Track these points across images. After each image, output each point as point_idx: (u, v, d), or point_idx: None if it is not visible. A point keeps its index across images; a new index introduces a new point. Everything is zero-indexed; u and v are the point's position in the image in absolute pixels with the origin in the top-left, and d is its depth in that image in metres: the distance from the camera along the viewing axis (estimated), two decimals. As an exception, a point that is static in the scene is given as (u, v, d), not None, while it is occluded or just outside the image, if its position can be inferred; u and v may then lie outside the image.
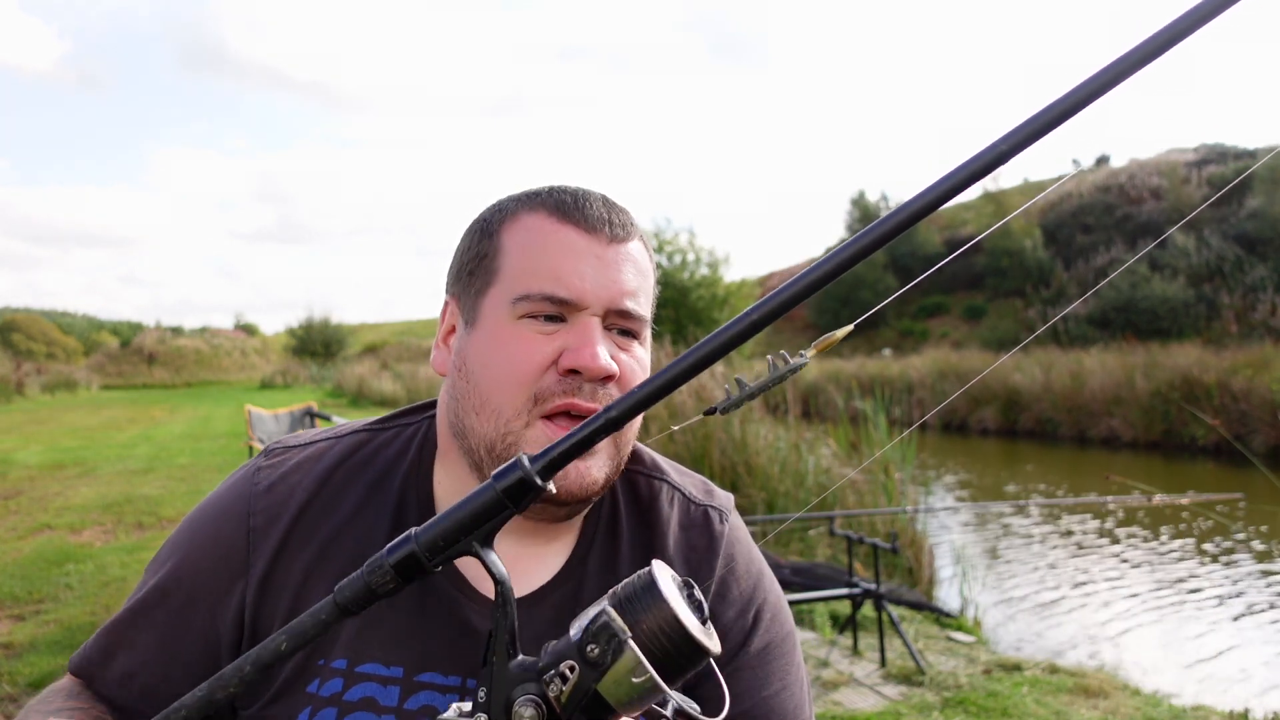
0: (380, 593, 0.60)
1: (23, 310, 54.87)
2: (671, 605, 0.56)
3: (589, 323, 0.89)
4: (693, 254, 28.30)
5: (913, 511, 5.30)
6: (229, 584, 0.93)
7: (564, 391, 0.87)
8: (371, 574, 0.59)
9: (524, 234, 0.92)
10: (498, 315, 0.91)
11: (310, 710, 0.89)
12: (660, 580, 0.58)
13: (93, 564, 5.96)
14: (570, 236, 0.91)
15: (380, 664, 0.89)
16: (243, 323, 67.88)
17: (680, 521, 1.01)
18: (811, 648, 4.55)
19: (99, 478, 9.99)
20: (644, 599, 0.57)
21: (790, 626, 1.02)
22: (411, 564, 0.59)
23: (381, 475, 0.98)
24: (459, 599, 0.93)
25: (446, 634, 0.92)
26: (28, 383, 28.88)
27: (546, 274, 0.89)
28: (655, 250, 6.13)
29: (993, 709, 3.76)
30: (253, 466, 1.00)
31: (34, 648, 4.36)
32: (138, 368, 44.89)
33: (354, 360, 40.43)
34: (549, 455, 0.58)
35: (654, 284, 0.98)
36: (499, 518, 0.58)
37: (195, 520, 0.99)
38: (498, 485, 0.57)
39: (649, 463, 1.06)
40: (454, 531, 0.58)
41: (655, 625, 0.56)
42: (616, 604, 0.58)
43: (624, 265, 0.92)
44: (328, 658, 0.90)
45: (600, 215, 0.92)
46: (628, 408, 0.57)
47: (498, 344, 0.90)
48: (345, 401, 24.74)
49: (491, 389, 0.89)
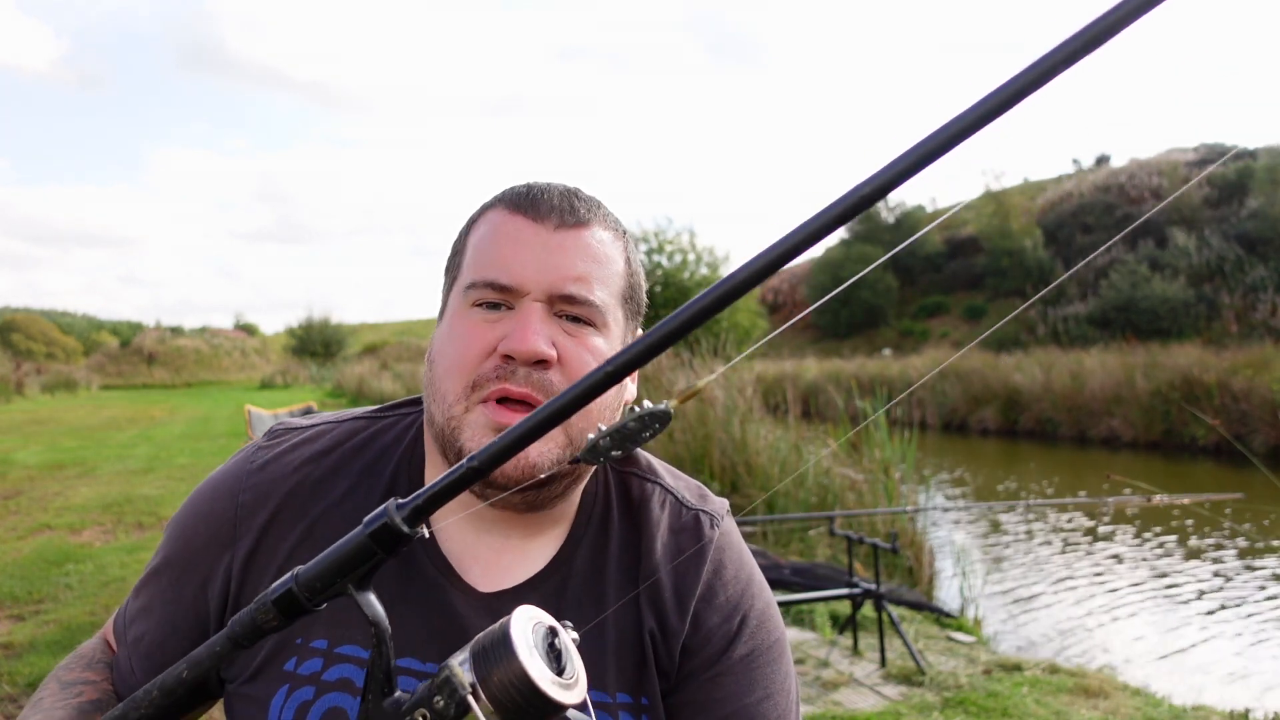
0: (266, 629, 0.61)
1: (23, 310, 54.86)
2: (521, 659, 0.56)
3: (529, 308, 0.90)
4: (693, 254, 28.34)
5: (913, 511, 5.30)
6: (217, 557, 0.96)
7: (498, 377, 0.89)
8: (257, 611, 0.62)
9: (484, 228, 0.96)
10: (455, 306, 0.95)
11: (288, 688, 0.90)
12: (513, 631, 0.57)
13: (92, 564, 5.95)
14: (518, 225, 0.93)
15: (360, 646, 0.90)
16: (243, 323, 67.91)
17: (670, 525, 1.01)
18: (811, 648, 4.55)
19: (99, 478, 9.99)
20: (496, 651, 0.57)
21: (779, 634, 1.01)
22: (291, 602, 0.60)
23: (374, 460, 1.00)
24: (444, 585, 0.94)
25: (428, 620, 0.93)
26: (28, 383, 28.89)
27: (491, 262, 0.92)
28: (656, 250, 6.15)
29: (993, 709, 3.76)
30: (253, 446, 1.03)
31: (34, 648, 4.36)
32: (138, 368, 44.90)
33: (354, 360, 40.44)
34: (415, 501, 0.57)
35: (625, 275, 0.97)
36: (371, 562, 0.59)
37: (194, 495, 1.03)
38: (365, 531, 0.58)
39: (644, 464, 1.06)
40: (330, 574, 0.59)
41: (505, 679, 0.56)
42: (474, 654, 0.58)
43: (571, 251, 0.92)
44: (307, 636, 0.91)
45: (551, 204, 0.94)
46: (491, 455, 0.55)
47: (449, 333, 0.93)
48: (345, 401, 24.75)
49: (441, 376, 0.92)
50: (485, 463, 0.55)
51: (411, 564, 0.94)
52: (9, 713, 3.60)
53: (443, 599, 0.93)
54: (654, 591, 0.97)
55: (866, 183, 0.48)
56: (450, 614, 0.93)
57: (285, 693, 0.90)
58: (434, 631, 0.92)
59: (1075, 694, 4.00)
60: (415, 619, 0.92)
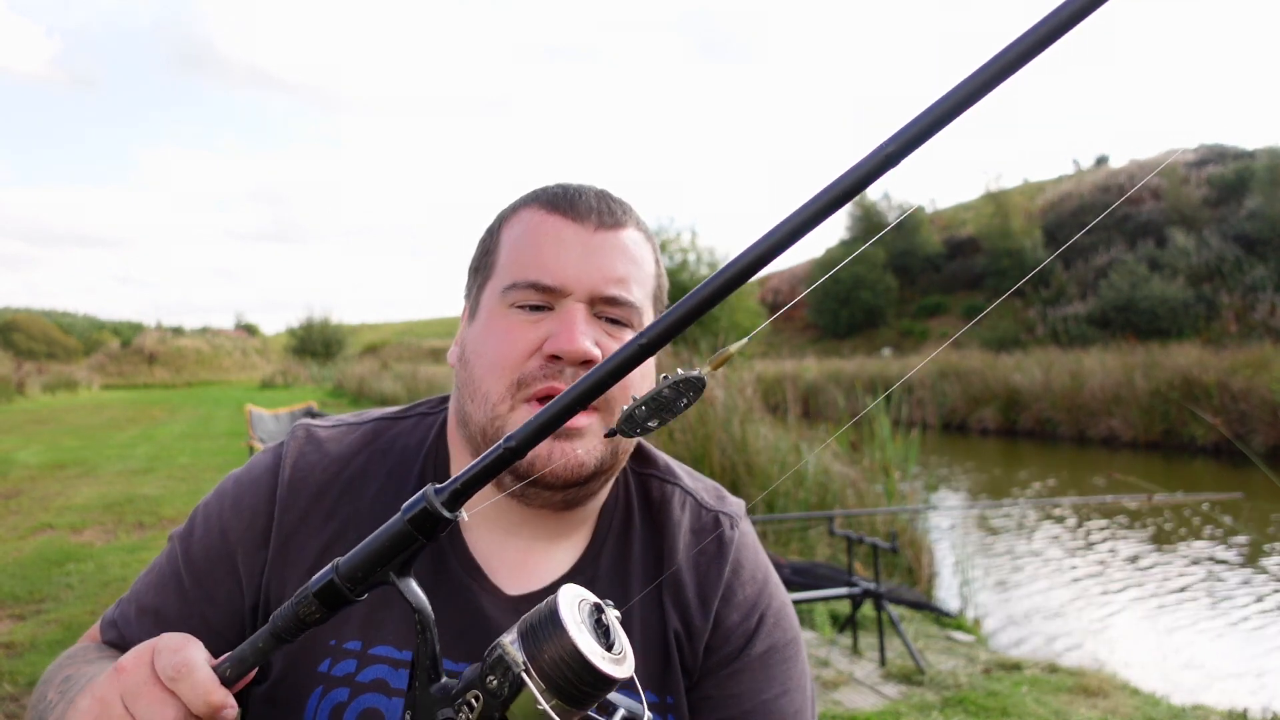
0: (309, 621, 0.61)
1: (24, 310, 54.85)
2: (571, 635, 0.56)
3: (573, 308, 0.90)
4: (694, 254, 28.36)
5: (913, 511, 5.30)
6: (254, 553, 0.95)
7: (545, 376, 0.89)
8: (299, 604, 0.61)
9: (518, 228, 0.95)
10: (491, 306, 0.94)
11: (322, 689, 0.90)
12: (562, 609, 0.57)
13: (93, 564, 5.96)
14: (558, 226, 0.93)
15: (394, 647, 0.91)
16: (243, 323, 67.88)
17: (691, 526, 1.02)
18: (812, 647, 4.56)
19: (100, 477, 9.99)
20: (545, 629, 0.57)
21: (795, 633, 1.03)
22: (333, 593, 0.60)
23: (400, 462, 1.01)
24: (473, 587, 0.95)
25: (458, 621, 0.93)
26: (28, 382, 28.88)
27: (532, 263, 0.91)
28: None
29: (992, 708, 3.76)
30: (278, 444, 1.03)
31: (35, 647, 4.36)
32: (138, 368, 44.91)
33: (354, 360, 40.44)
34: (453, 485, 0.57)
35: (655, 276, 0.98)
36: (412, 548, 0.59)
37: (224, 494, 1.01)
38: (405, 517, 0.58)
39: (662, 466, 1.07)
40: (371, 562, 0.59)
41: (556, 655, 0.56)
42: (522, 633, 0.58)
43: (611, 252, 0.92)
44: (340, 638, 0.92)
45: (589, 205, 0.94)
46: (528, 434, 0.56)
47: (489, 332, 0.93)
48: (346, 401, 24.74)
49: (482, 375, 0.92)
50: (522, 442, 0.56)
51: (441, 565, 0.95)
52: (10, 712, 3.61)
53: (471, 600, 0.94)
54: (677, 592, 0.98)
55: (866, 160, 0.50)
56: (478, 615, 0.93)
57: (320, 694, 0.90)
58: (461, 632, 0.93)
59: (1074, 693, 4.00)
60: (443, 619, 0.92)
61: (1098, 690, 4.03)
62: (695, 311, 0.53)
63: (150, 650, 0.67)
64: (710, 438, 6.98)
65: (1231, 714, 3.97)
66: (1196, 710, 3.94)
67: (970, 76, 0.47)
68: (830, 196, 0.50)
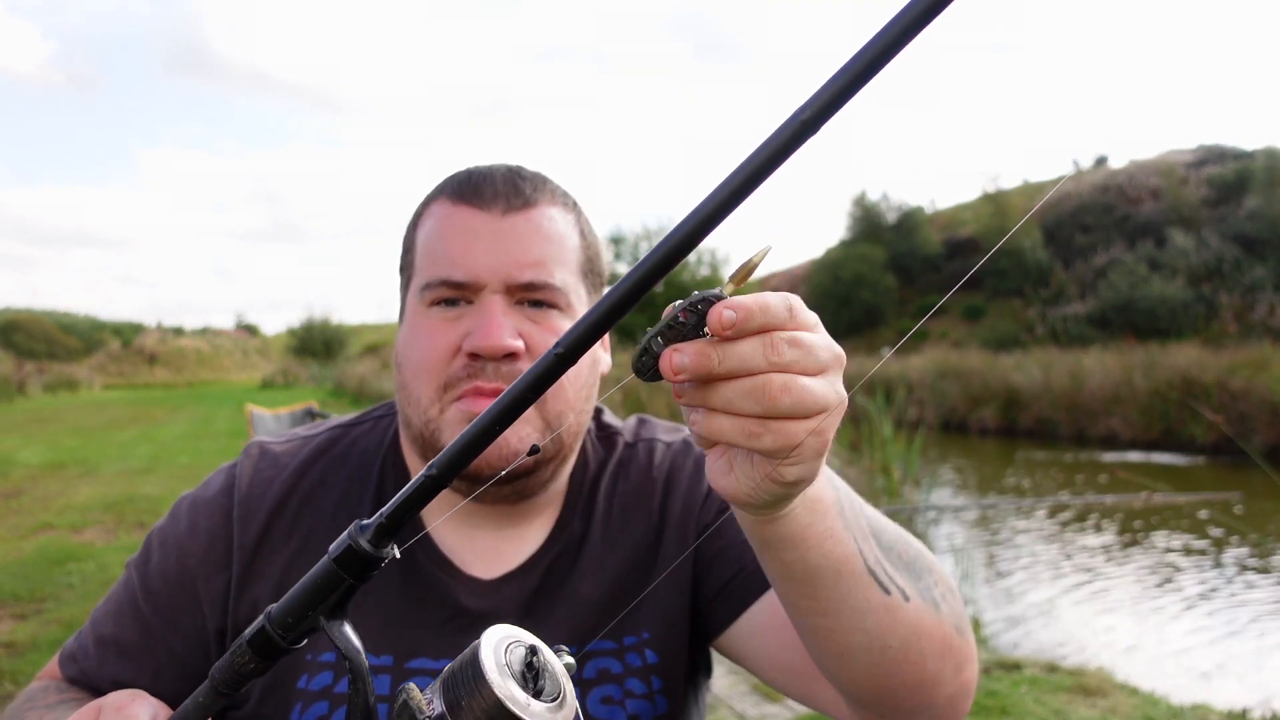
0: (246, 673, 0.59)
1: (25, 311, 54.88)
2: (491, 684, 0.51)
3: (490, 301, 0.88)
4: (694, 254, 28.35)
5: (913, 511, 5.31)
6: (214, 575, 0.94)
7: (469, 375, 0.88)
8: (234, 655, 0.59)
9: (429, 223, 0.94)
10: (413, 307, 0.93)
11: (301, 706, 0.89)
12: (483, 654, 0.52)
13: (94, 563, 5.97)
14: (465, 217, 0.91)
15: (370, 654, 0.90)
16: (244, 323, 67.92)
17: (675, 466, 1.04)
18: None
19: (100, 477, 10.00)
20: (465, 675, 0.53)
21: None
22: (267, 643, 0.57)
23: (359, 467, 1.00)
24: (445, 581, 0.94)
25: (435, 618, 0.93)
26: (29, 382, 28.90)
27: (443, 259, 0.90)
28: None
29: (992, 708, 3.77)
30: (231, 464, 1.02)
31: (35, 647, 4.37)
32: (139, 368, 44.96)
33: (355, 360, 40.43)
34: (379, 520, 0.54)
35: (581, 249, 0.95)
36: (341, 589, 0.56)
37: (178, 516, 0.99)
38: (331, 558, 0.55)
39: (629, 431, 1.08)
40: (302, 607, 0.56)
41: (477, 707, 0.51)
42: (443, 682, 0.54)
43: (523, 236, 0.90)
44: (315, 652, 0.91)
45: (495, 190, 0.91)
46: (449, 460, 0.52)
47: (413, 334, 0.92)
48: (346, 401, 24.74)
49: (411, 379, 0.92)
50: (443, 470, 0.52)
51: (410, 566, 0.94)
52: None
53: (446, 594, 0.93)
54: (683, 535, 0.99)
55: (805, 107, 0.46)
56: (456, 607, 0.93)
57: (300, 710, 0.89)
58: (442, 628, 0.92)
59: (1074, 693, 4.01)
60: (421, 620, 0.92)
61: (1097, 690, 4.04)
62: (616, 310, 0.49)
63: (96, 711, 0.66)
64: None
65: (1231, 714, 3.97)
66: (1196, 710, 3.95)
67: (879, 32, 0.45)
68: (748, 171, 0.47)
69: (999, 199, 37.21)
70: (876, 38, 0.45)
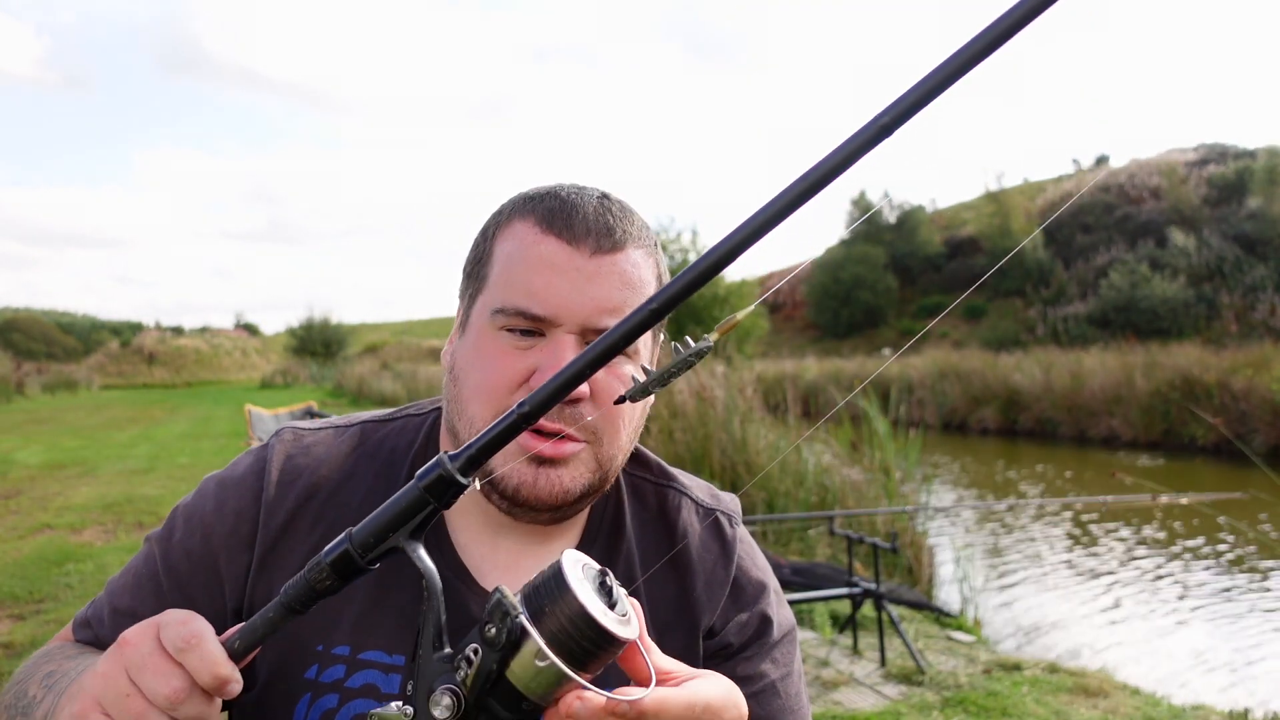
0: (320, 590, 0.62)
1: (23, 310, 54.87)
2: (575, 592, 0.55)
3: (562, 341, 0.87)
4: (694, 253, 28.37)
5: (913, 511, 5.30)
6: (237, 556, 0.94)
7: None
8: (311, 572, 0.62)
9: (511, 242, 0.92)
10: (481, 324, 0.92)
11: (310, 696, 0.89)
12: (566, 568, 0.57)
13: (93, 563, 5.96)
14: (551, 249, 0.89)
15: (384, 652, 0.90)
16: (243, 322, 67.92)
17: (695, 526, 1.04)
18: (811, 647, 4.56)
19: (99, 477, 10.00)
20: (549, 588, 0.56)
21: (792, 619, 1.06)
22: (346, 562, 0.61)
23: (389, 463, 1.00)
24: (460, 588, 0.94)
25: (447, 625, 0.93)
26: (28, 382, 28.91)
27: (522, 288, 0.88)
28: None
29: (992, 708, 3.76)
30: (261, 446, 1.01)
31: (35, 647, 4.36)
32: (138, 367, 44.96)
33: (354, 360, 40.44)
34: (468, 451, 0.58)
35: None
36: (424, 514, 0.60)
37: (207, 492, 0.99)
38: (420, 484, 0.59)
39: (655, 469, 1.07)
40: (383, 529, 0.60)
41: (561, 613, 0.55)
42: (526, 593, 0.57)
43: (606, 280, 0.89)
44: (327, 644, 0.91)
45: (586, 225, 0.90)
46: (541, 400, 0.57)
47: (478, 354, 0.91)
48: (345, 401, 24.75)
49: (469, 398, 0.91)
50: (535, 407, 0.57)
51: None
52: (10, 712, 3.61)
53: (460, 602, 0.93)
54: (683, 587, 1.00)
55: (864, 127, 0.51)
56: (467, 617, 0.92)
57: (308, 701, 0.89)
58: (454, 635, 0.93)
59: (1075, 693, 4.00)
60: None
61: (1098, 690, 4.03)
62: (708, 273, 0.55)
63: (155, 624, 0.66)
64: (710, 438, 6.99)
65: (1232, 714, 3.97)
66: (1196, 710, 3.94)
67: (962, 48, 0.49)
68: (827, 167, 0.52)
69: (1001, 197, 37.20)
70: (956, 55, 0.49)
